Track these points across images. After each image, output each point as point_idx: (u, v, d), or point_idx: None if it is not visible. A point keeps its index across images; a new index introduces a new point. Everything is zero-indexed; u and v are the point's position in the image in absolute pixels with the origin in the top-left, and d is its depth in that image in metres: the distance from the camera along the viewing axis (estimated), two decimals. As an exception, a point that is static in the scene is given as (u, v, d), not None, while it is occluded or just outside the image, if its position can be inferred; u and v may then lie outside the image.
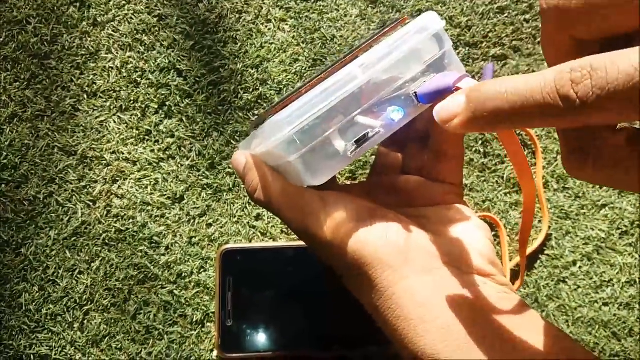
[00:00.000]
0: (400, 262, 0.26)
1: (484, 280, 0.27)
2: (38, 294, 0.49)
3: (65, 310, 0.48)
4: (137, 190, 0.51)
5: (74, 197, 0.50)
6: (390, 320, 0.26)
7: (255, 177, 0.30)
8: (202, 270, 0.49)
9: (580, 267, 0.51)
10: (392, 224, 0.27)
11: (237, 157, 0.31)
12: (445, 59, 0.27)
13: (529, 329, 0.25)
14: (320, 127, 0.25)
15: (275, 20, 0.54)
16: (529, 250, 0.50)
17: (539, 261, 0.51)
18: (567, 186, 0.52)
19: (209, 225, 0.50)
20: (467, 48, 0.54)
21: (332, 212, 0.27)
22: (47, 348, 0.48)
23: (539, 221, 0.52)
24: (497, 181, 0.52)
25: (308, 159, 0.25)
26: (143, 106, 0.52)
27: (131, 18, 0.53)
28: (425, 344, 0.25)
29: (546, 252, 0.51)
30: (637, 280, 0.50)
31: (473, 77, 0.54)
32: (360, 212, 0.27)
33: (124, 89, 0.52)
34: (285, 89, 0.53)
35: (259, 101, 0.53)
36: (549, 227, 0.51)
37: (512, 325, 0.25)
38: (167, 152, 0.51)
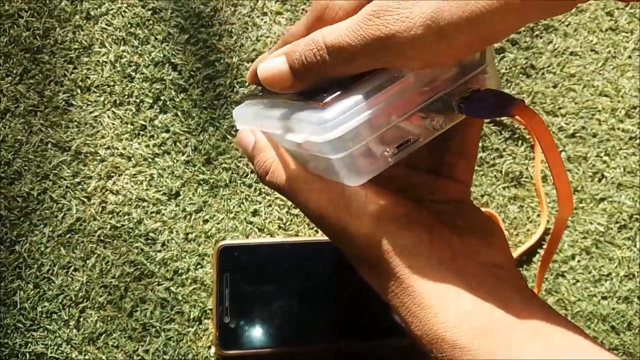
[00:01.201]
0: (421, 251, 0.26)
1: (501, 271, 0.27)
2: (33, 291, 0.48)
3: (61, 307, 0.48)
4: (132, 186, 0.50)
5: (68, 193, 0.50)
6: (410, 308, 0.26)
7: (269, 158, 0.29)
8: (199, 266, 0.49)
9: (578, 261, 0.51)
10: (413, 216, 0.27)
11: (245, 133, 0.30)
12: (487, 73, 0.27)
13: (547, 319, 0.25)
14: (366, 130, 0.25)
15: (271, 13, 0.53)
16: (528, 244, 0.50)
17: (537, 255, 0.51)
18: (565, 180, 0.52)
19: (206, 221, 0.50)
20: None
21: (361, 204, 0.27)
22: (43, 346, 0.47)
23: (538, 215, 0.51)
24: (495, 175, 0.52)
25: (348, 160, 0.25)
26: (137, 101, 0.51)
27: (125, 11, 0.53)
28: (446, 331, 0.25)
29: (545, 247, 0.51)
30: (636, 273, 0.50)
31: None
32: (389, 207, 0.27)
33: (118, 83, 0.52)
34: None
35: (255, 95, 0.52)
36: (548, 221, 0.51)
37: (528, 313, 0.25)
38: (162, 148, 0.51)
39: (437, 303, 0.25)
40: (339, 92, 0.24)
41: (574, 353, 0.24)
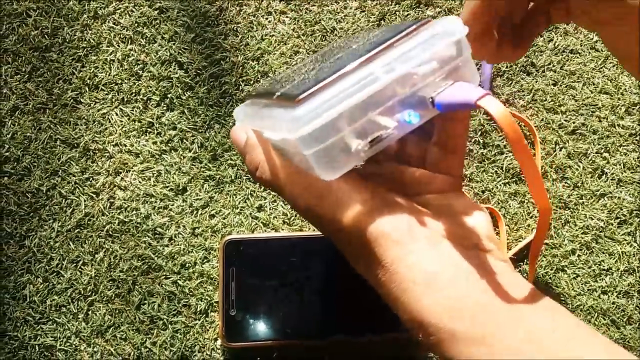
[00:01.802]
0: (407, 238, 0.26)
1: (486, 255, 0.28)
2: (42, 285, 0.49)
3: (70, 301, 0.49)
4: (140, 182, 0.51)
5: (77, 189, 0.50)
6: (396, 294, 0.26)
7: (258, 155, 0.30)
8: (205, 260, 0.50)
9: (579, 255, 0.51)
10: (398, 206, 0.28)
11: (238, 132, 0.31)
12: (463, 67, 0.27)
13: (533, 301, 0.26)
14: (338, 125, 0.25)
15: (275, 13, 0.54)
16: (528, 239, 0.51)
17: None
18: (565, 176, 0.53)
19: (212, 217, 0.51)
20: (467, 39, 0.55)
21: (345, 196, 0.27)
22: (52, 339, 0.48)
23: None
24: (496, 171, 0.53)
25: (321, 155, 0.25)
26: (145, 99, 0.52)
27: (132, 11, 0.53)
28: (430, 315, 0.25)
29: (545, 241, 0.52)
30: (636, 268, 0.51)
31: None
32: (372, 197, 0.28)
33: (126, 81, 0.52)
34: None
35: (260, 93, 0.53)
36: (548, 217, 0.52)
37: (514, 297, 0.25)
38: (169, 144, 0.52)
39: (422, 288, 0.26)
40: (313, 89, 0.25)
41: (557, 335, 0.24)
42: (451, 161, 0.31)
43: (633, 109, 0.54)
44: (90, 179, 0.51)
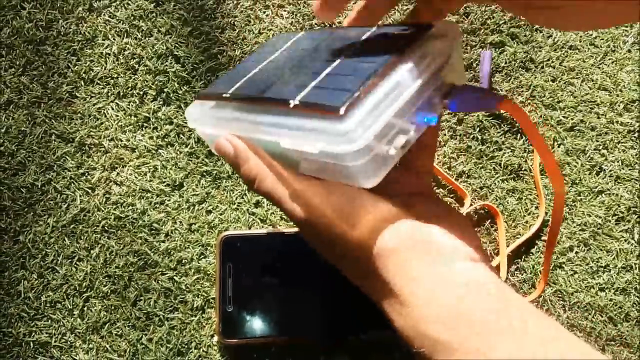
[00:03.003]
0: (407, 251, 0.27)
1: (475, 265, 0.28)
2: (37, 281, 0.48)
3: (65, 297, 0.48)
4: (136, 177, 0.50)
5: (72, 184, 0.50)
6: (394, 306, 0.27)
7: (254, 167, 0.29)
8: (202, 256, 0.49)
9: (576, 252, 0.51)
10: (401, 218, 0.28)
11: (223, 142, 0.30)
12: (453, 62, 0.29)
13: (517, 310, 0.26)
14: (383, 135, 0.26)
15: (273, 6, 0.54)
16: (526, 236, 0.51)
17: (535, 247, 0.51)
18: (563, 173, 0.53)
19: (209, 212, 0.50)
20: (465, 35, 0.54)
21: (358, 208, 0.28)
22: (47, 335, 0.48)
23: (536, 207, 0.52)
24: (494, 168, 0.53)
25: (367, 165, 0.26)
26: (141, 93, 0.52)
27: (128, 4, 0.53)
28: (427, 327, 0.26)
29: (543, 238, 0.52)
30: (634, 265, 0.51)
31: (471, 64, 0.54)
32: (382, 210, 0.28)
33: (122, 75, 0.52)
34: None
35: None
36: (546, 214, 0.52)
37: (508, 310, 0.26)
38: (165, 139, 0.51)
39: (419, 300, 0.26)
40: (351, 99, 0.25)
41: (549, 349, 0.25)
42: (421, 157, 0.31)
43: (632, 105, 0.54)
44: (86, 174, 0.50)
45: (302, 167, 0.28)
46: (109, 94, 0.51)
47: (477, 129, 0.53)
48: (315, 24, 0.54)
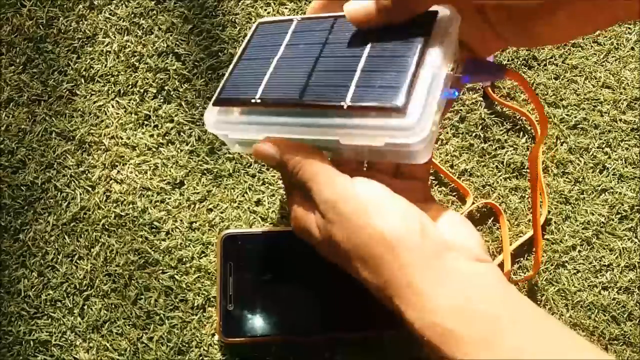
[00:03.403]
0: (421, 248, 0.29)
1: (482, 262, 0.30)
2: (37, 279, 0.48)
3: (65, 295, 0.48)
4: (136, 175, 0.50)
5: (72, 182, 0.50)
6: (407, 296, 0.28)
7: (303, 161, 0.31)
8: (202, 255, 0.49)
9: (579, 251, 0.51)
10: (415, 213, 0.31)
11: (264, 147, 0.32)
12: (456, 41, 0.32)
13: (522, 306, 0.28)
14: (437, 117, 0.30)
15: (274, 3, 0.54)
16: (529, 234, 0.51)
17: (538, 246, 0.51)
18: (566, 171, 0.52)
19: (210, 211, 0.50)
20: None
21: (392, 200, 0.30)
22: (47, 334, 0.47)
23: (539, 206, 0.52)
24: (496, 166, 0.52)
25: (426, 144, 0.29)
26: (141, 91, 0.51)
27: (128, 1, 0.53)
28: (437, 317, 0.27)
29: (546, 237, 0.51)
30: (637, 264, 0.51)
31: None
32: (406, 205, 0.31)
33: (122, 73, 0.52)
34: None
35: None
36: (549, 212, 0.51)
37: (506, 302, 0.28)
38: (166, 137, 0.51)
39: (431, 292, 0.28)
40: (403, 91, 0.28)
41: (552, 344, 0.27)
42: (417, 165, 0.34)
43: (635, 103, 0.54)
44: (86, 172, 0.50)
45: (344, 155, 0.32)
46: (110, 91, 0.51)
47: (480, 127, 0.53)
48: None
